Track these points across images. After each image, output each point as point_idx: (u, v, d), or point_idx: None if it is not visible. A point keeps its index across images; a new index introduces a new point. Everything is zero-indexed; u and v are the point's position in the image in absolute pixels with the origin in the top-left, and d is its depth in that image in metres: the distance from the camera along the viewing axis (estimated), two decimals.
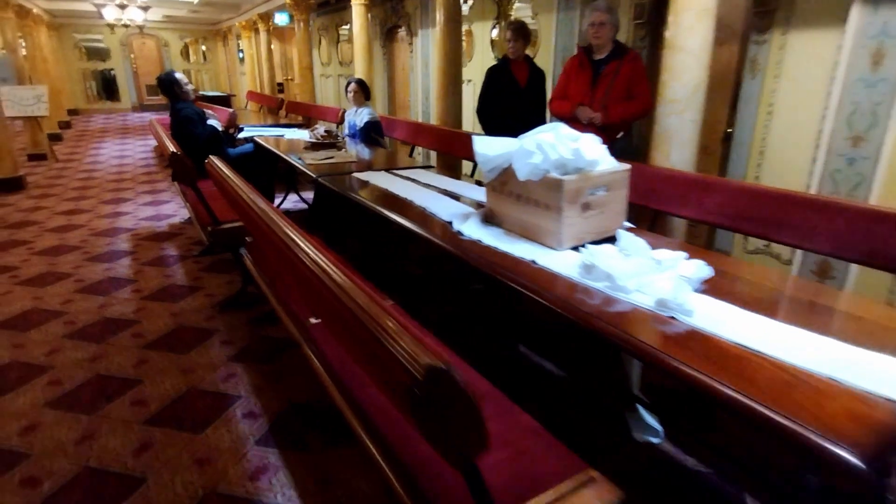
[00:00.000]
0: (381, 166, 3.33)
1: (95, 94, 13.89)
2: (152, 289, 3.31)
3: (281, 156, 3.62)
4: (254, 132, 4.66)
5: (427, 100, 6.50)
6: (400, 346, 0.76)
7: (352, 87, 4.63)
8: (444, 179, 2.85)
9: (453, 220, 1.93)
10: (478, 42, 5.71)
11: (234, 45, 12.75)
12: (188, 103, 4.27)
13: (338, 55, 8.97)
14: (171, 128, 4.32)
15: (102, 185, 6.46)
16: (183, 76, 4.27)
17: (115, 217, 4.98)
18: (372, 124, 4.64)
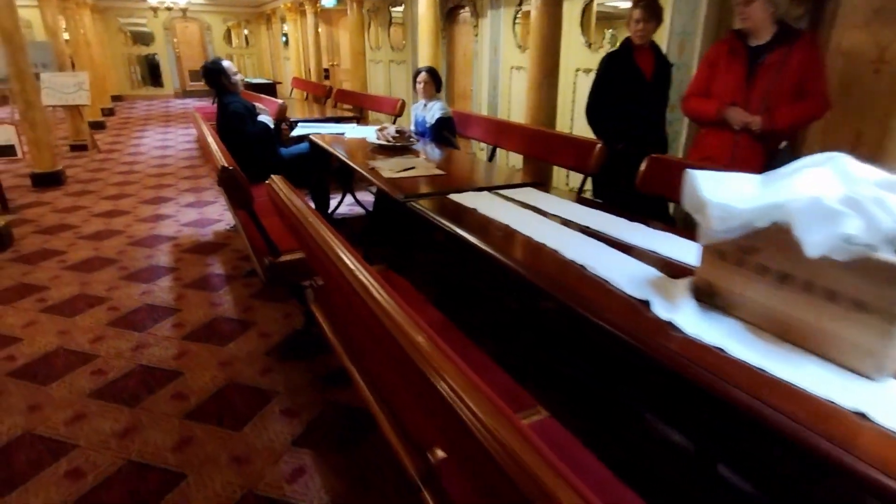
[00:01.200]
0: (477, 181, 2.67)
1: (140, 80, 13.67)
2: (196, 323, 2.77)
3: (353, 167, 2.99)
4: (308, 129, 4.07)
5: (494, 90, 5.79)
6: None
7: (422, 77, 3.97)
8: (572, 207, 2.17)
9: (652, 300, 1.25)
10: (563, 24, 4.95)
11: (279, 28, 12.24)
12: (236, 96, 3.70)
13: (389, 40, 8.30)
14: (217, 123, 3.76)
15: (143, 180, 6.02)
16: (231, 65, 3.69)
17: (155, 221, 4.49)
18: (444, 121, 3.97)
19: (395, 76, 8.30)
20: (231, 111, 3.56)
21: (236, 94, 3.71)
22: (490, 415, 0.63)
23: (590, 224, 1.92)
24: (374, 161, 2.91)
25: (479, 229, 1.88)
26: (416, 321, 0.87)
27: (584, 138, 2.94)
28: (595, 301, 1.30)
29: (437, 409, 0.73)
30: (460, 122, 4.12)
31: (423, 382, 0.75)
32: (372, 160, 2.96)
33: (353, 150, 3.41)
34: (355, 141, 3.71)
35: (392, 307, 0.92)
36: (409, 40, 7.51)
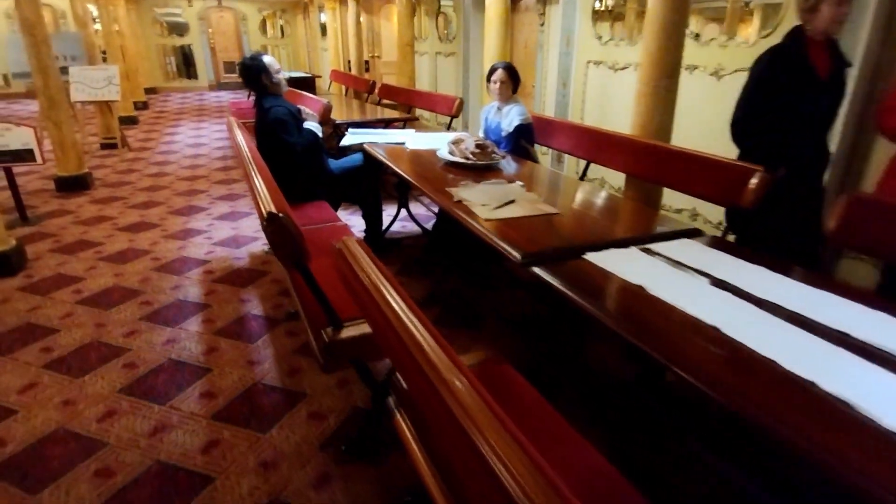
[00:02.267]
0: (609, 226, 2.00)
1: (175, 72, 13.34)
2: (229, 393, 2.19)
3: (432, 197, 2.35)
4: (360, 136, 3.44)
5: (565, 87, 5.06)
6: None
7: (498, 75, 3.29)
8: (765, 276, 1.48)
9: None
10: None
11: (316, 17, 11.68)
12: (279, 98, 3.10)
13: (437, 29, 7.62)
14: (256, 130, 3.17)
15: (174, 184, 5.53)
16: (274, 61, 3.09)
17: (184, 238, 3.96)
18: (524, 129, 3.31)
19: (443, 70, 7.62)
20: (273, 118, 2.96)
21: (279, 97, 3.11)
22: None
23: (803, 309, 1.24)
24: (457, 188, 2.26)
25: (658, 333, 1.22)
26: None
27: (735, 162, 2.22)
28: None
29: None
30: (539, 129, 3.44)
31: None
32: (452, 186, 2.31)
33: (421, 168, 2.76)
34: (420, 154, 3.07)
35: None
36: (461, 30, 6.82)
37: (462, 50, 6.87)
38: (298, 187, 3.10)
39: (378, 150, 3.08)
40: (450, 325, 2.74)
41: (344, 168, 3.29)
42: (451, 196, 2.14)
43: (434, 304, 2.96)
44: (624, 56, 4.27)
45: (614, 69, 4.41)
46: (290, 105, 3.09)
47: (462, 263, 3.46)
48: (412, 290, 3.04)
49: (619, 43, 4.31)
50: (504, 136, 3.36)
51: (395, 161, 2.86)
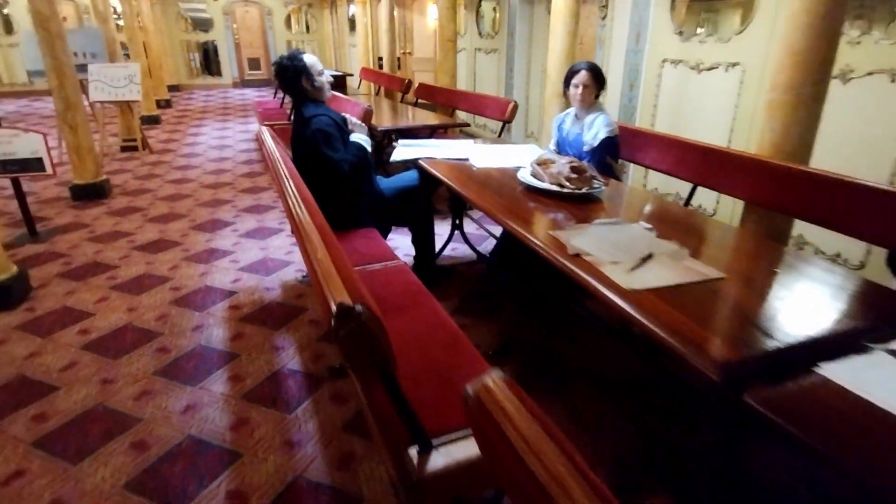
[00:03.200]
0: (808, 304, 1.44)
1: (199, 69, 13.00)
2: (263, 493, 1.69)
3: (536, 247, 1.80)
4: (411, 150, 2.91)
5: (632, 90, 4.47)
6: None
7: (581, 77, 2.74)
8: None
9: None
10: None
11: (344, 11, 11.20)
12: (322, 106, 2.59)
13: (477, 23, 7.07)
14: (293, 144, 2.68)
15: (197, 192, 5.09)
16: (316, 60, 2.58)
17: (208, 261, 3.49)
18: (611, 143, 2.76)
19: (483, 68, 7.06)
20: (315, 129, 2.46)
21: (322, 103, 2.60)
22: None
23: None
24: (566, 232, 1.71)
25: None
26: None
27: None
28: None
29: None
30: (624, 142, 2.89)
31: None
32: (556, 229, 1.77)
33: (499, 195, 2.22)
34: (491, 175, 2.53)
35: None
36: (504, 24, 6.26)
37: (505, 46, 6.31)
38: (343, 211, 2.60)
39: (439, 170, 2.56)
40: (531, 383, 2.20)
41: (397, 189, 2.77)
42: (567, 247, 1.60)
43: (507, 357, 2.43)
44: (712, 54, 3.67)
45: (697, 69, 3.81)
46: (334, 114, 2.58)
47: (534, 299, 2.92)
48: (478, 336, 2.51)
49: (706, 39, 3.71)
50: (587, 151, 2.81)
51: (464, 186, 2.32)
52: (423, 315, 1.80)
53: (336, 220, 2.59)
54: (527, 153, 2.90)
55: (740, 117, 3.54)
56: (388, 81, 7.13)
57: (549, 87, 3.80)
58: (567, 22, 3.61)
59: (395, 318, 1.73)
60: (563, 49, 3.67)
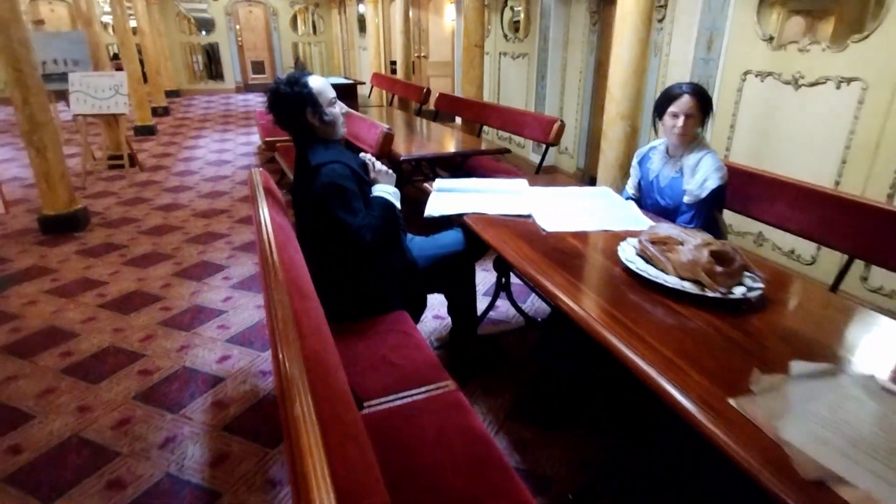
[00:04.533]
0: None
1: (202, 72, 12.33)
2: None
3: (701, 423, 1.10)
4: (453, 199, 2.20)
5: None
6: None
7: (684, 104, 2.04)
8: None
9: None
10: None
11: (354, 12, 10.50)
12: (334, 149, 1.88)
13: (502, 24, 6.35)
14: (296, 202, 1.97)
15: (187, 223, 4.41)
16: (325, 85, 1.88)
17: (190, 326, 2.81)
18: (721, 193, 2.04)
19: (509, 75, 6.35)
20: (326, 184, 1.75)
21: (334, 144, 1.89)
22: None
23: None
24: (767, 405, 0.99)
25: None
26: None
27: None
28: None
29: None
30: (735, 188, 2.17)
31: None
32: (728, 384, 1.05)
33: (588, 286, 1.51)
34: (566, 241, 1.80)
35: None
36: (536, 26, 5.54)
37: (536, 51, 5.59)
38: (363, 293, 1.90)
39: (496, 238, 1.85)
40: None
41: (435, 257, 2.06)
42: (767, 434, 0.88)
43: (595, 499, 1.72)
44: (817, 66, 2.94)
45: (794, 84, 3.08)
46: (350, 158, 1.87)
47: (619, 404, 2.20)
48: (549, 463, 1.80)
49: (809, 47, 2.97)
50: (688, 204, 2.09)
51: (536, 266, 1.61)
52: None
53: (354, 307, 1.90)
54: (604, 202, 2.18)
55: (858, 147, 2.81)
56: (403, 89, 6.43)
57: (610, 106, 3.08)
58: (638, 26, 2.88)
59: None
60: (631, 59, 2.94)
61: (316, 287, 1.52)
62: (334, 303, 1.79)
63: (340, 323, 1.85)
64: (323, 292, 1.54)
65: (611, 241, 1.81)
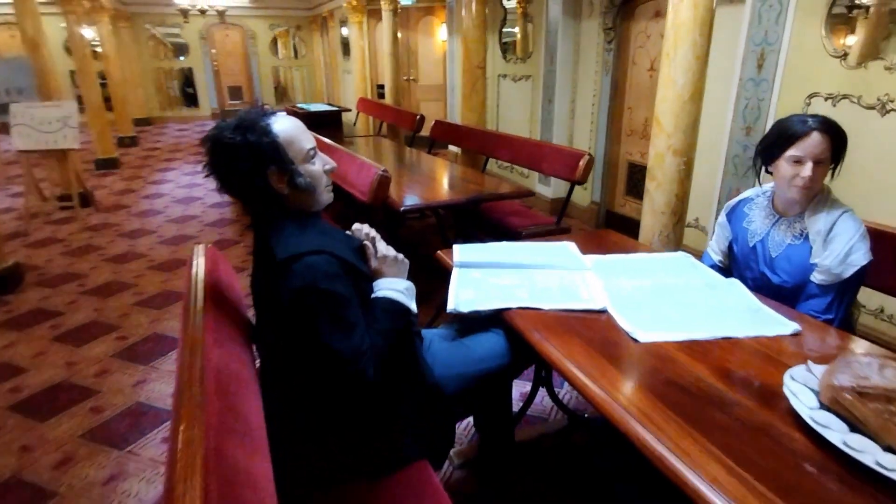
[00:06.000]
0: None
1: (177, 98, 11.63)
2: None
3: None
4: (485, 284, 1.55)
5: (749, 136, 3.16)
6: None
7: (813, 145, 1.45)
8: None
9: None
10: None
11: (337, 34, 9.95)
12: (312, 227, 1.21)
13: (500, 44, 5.82)
14: (258, 312, 1.28)
15: (142, 278, 3.70)
16: (297, 130, 1.21)
17: (128, 437, 2.10)
18: (865, 272, 1.42)
19: (510, 99, 5.79)
20: (299, 290, 1.08)
21: (311, 220, 1.23)
22: None
23: None
24: None
25: None
26: None
27: None
28: None
29: None
30: (880, 252, 1.54)
31: None
32: None
33: (730, 445, 0.86)
34: (668, 357, 1.15)
35: None
36: (541, 45, 5.00)
37: (542, 72, 5.04)
38: (360, 443, 1.22)
39: (565, 356, 1.20)
40: None
41: (467, 377, 1.39)
42: None
43: None
44: None
45: (881, 110, 2.52)
46: (338, 241, 1.22)
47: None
48: None
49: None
50: (826, 285, 1.47)
51: (668, 439, 0.96)
52: None
53: (348, 467, 1.23)
54: (700, 282, 1.55)
55: None
56: (393, 116, 5.83)
57: (659, 139, 2.48)
58: (696, 42, 2.29)
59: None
60: (687, 83, 2.35)
61: (285, 440, 0.89)
62: (316, 463, 1.12)
63: (326, 492, 1.18)
64: (296, 449, 0.90)
65: (746, 361, 1.18)
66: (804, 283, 1.54)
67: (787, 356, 1.21)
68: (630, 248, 2.02)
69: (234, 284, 1.47)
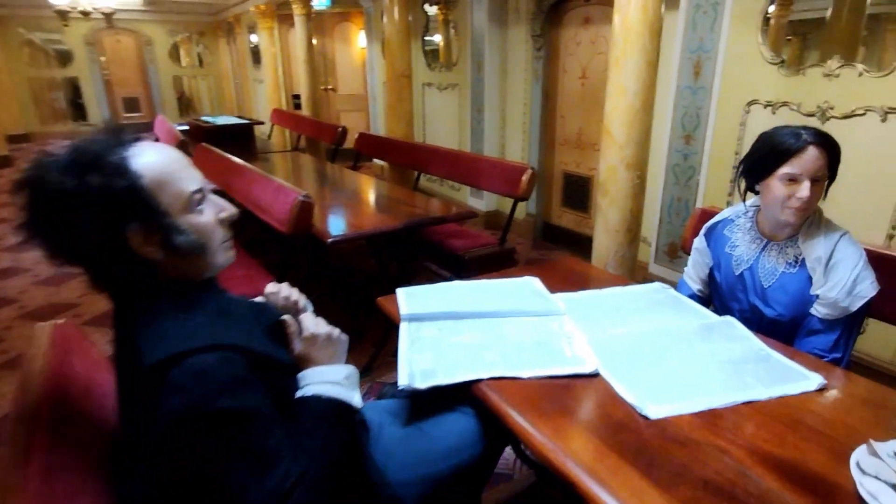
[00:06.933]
0: None
1: (63, 112, 10.33)
2: None
3: None
4: (447, 343, 1.23)
5: (689, 144, 3.07)
6: None
7: (809, 160, 1.27)
8: None
9: None
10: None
11: (245, 41, 9.24)
12: (203, 306, 0.82)
13: (424, 51, 5.54)
14: (123, 411, 0.87)
15: (9, 332, 3.03)
16: (172, 161, 0.82)
17: None
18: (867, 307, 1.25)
19: (437, 109, 5.53)
20: (178, 413, 0.70)
21: (202, 295, 0.85)
22: None
23: None
24: None
25: None
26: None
27: None
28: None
29: None
30: None
31: None
32: None
33: None
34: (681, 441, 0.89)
35: None
36: (468, 52, 4.78)
37: (470, 81, 4.82)
38: None
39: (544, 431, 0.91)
40: None
41: (432, 479, 1.05)
42: None
43: None
44: (851, 94, 2.36)
45: (821, 116, 2.48)
46: (238, 325, 0.84)
47: None
48: None
49: (838, 71, 2.39)
50: (826, 322, 1.29)
51: None
52: None
53: None
54: (698, 325, 1.31)
55: None
56: (312, 129, 5.38)
57: (610, 152, 2.29)
58: (647, 46, 2.12)
59: None
60: (638, 90, 2.17)
61: None
62: None
63: None
64: None
65: (782, 436, 0.94)
66: (802, 317, 1.36)
67: (828, 424, 0.99)
68: (596, 278, 1.79)
69: (96, 382, 1.05)
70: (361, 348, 2.76)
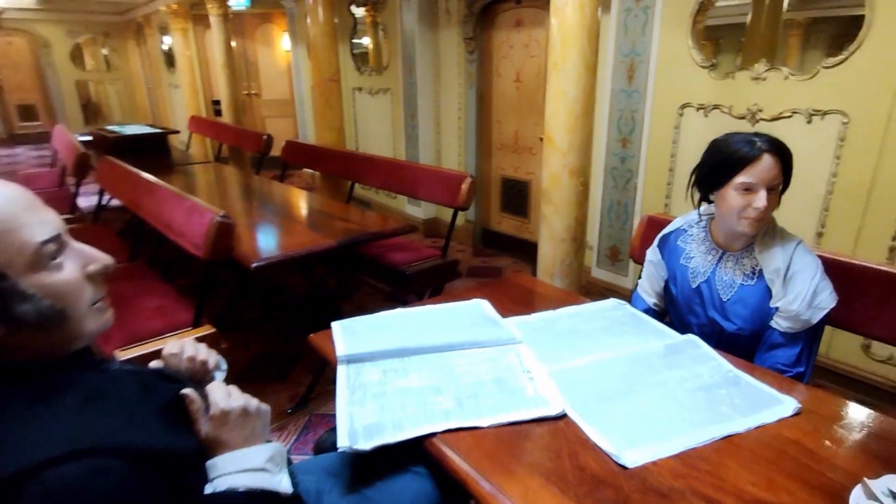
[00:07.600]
0: None
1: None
2: None
3: None
4: (391, 390, 1.07)
5: (625, 148, 3.07)
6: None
7: (764, 170, 1.22)
8: None
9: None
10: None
11: (157, 43, 8.58)
12: (55, 402, 0.60)
13: (352, 54, 5.32)
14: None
15: None
16: (16, 205, 0.61)
17: None
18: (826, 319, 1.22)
19: (369, 114, 5.33)
20: None
21: (61, 380, 0.63)
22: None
23: None
24: None
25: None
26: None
27: None
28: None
29: None
30: None
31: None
32: None
33: None
34: None
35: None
36: (398, 56, 4.63)
37: (402, 85, 4.66)
38: None
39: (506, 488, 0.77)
40: None
41: None
42: None
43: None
44: (779, 97, 2.41)
45: (751, 119, 2.53)
46: (116, 414, 0.63)
47: None
48: None
49: (766, 75, 2.44)
50: (787, 337, 1.24)
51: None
52: None
53: None
54: (665, 346, 1.22)
55: (843, 193, 2.30)
56: (235, 137, 5.02)
57: (553, 159, 2.21)
58: (585, 50, 2.05)
59: None
60: (578, 96, 2.10)
61: None
62: None
63: None
64: None
65: (769, 476, 0.86)
66: (762, 330, 1.31)
67: (812, 456, 0.92)
68: (546, 296, 1.69)
69: None
70: (296, 377, 2.53)
